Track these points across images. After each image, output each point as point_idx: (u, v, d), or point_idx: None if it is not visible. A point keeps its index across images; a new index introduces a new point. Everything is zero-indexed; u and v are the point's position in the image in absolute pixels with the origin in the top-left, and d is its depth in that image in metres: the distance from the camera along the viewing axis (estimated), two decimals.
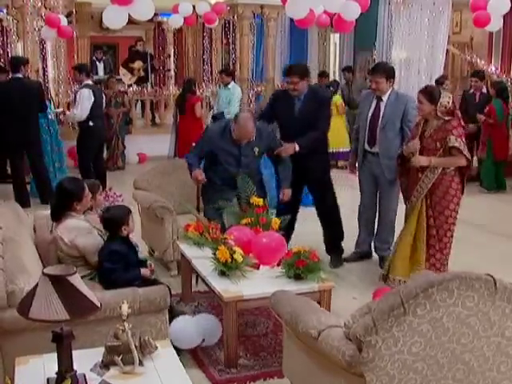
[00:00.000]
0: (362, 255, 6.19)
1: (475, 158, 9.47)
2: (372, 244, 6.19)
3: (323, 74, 12.14)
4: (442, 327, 2.70)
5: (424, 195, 5.13)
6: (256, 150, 5.34)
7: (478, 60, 12.08)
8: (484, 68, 11.67)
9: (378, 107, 5.73)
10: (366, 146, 5.84)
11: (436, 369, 2.77)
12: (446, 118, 5.01)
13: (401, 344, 2.67)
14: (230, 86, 10.42)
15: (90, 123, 8.48)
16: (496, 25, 7.88)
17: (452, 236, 5.24)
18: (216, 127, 5.50)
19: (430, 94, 5.06)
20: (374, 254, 6.20)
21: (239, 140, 5.24)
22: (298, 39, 13.28)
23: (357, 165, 6.03)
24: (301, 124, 5.63)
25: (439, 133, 5.02)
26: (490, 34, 11.83)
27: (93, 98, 8.41)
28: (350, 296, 5.20)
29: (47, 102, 8.94)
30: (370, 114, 5.77)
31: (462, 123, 5.12)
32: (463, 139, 5.01)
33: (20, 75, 8.28)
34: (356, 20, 7.09)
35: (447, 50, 11.56)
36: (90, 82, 8.67)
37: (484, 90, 9.83)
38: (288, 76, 5.70)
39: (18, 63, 8.36)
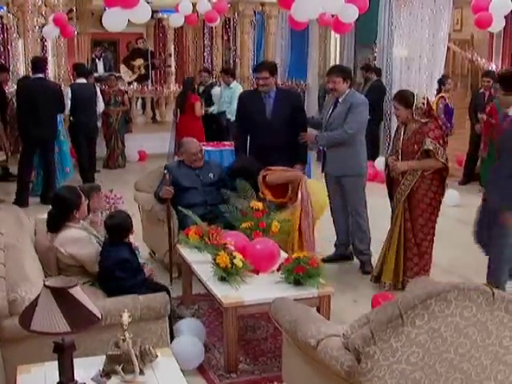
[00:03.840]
0: (338, 257, 6.15)
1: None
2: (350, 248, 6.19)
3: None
4: (440, 337, 2.73)
5: (403, 199, 5.18)
6: (211, 175, 5.83)
7: (479, 58, 12.05)
8: (486, 66, 11.66)
9: (334, 109, 5.76)
10: (324, 149, 5.91)
11: (434, 378, 2.79)
12: (423, 121, 5.10)
13: (399, 354, 2.69)
14: (232, 86, 10.46)
15: (71, 118, 9.19)
16: (498, 26, 7.86)
17: (432, 241, 5.30)
18: (173, 162, 6.39)
19: (404, 99, 5.12)
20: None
21: (191, 163, 5.83)
22: (299, 36, 13.23)
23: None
24: None
25: (417, 135, 5.09)
26: (491, 31, 11.78)
27: (70, 96, 9.08)
28: (351, 299, 5.23)
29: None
30: (327, 117, 5.80)
31: (441, 124, 5.17)
32: (440, 141, 5.05)
33: (41, 75, 8.48)
34: (357, 17, 7.08)
35: (448, 48, 11.54)
36: (81, 80, 9.38)
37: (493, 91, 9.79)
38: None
39: (39, 63, 8.57)
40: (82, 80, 9.45)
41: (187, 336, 4.08)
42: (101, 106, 9.92)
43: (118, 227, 4.16)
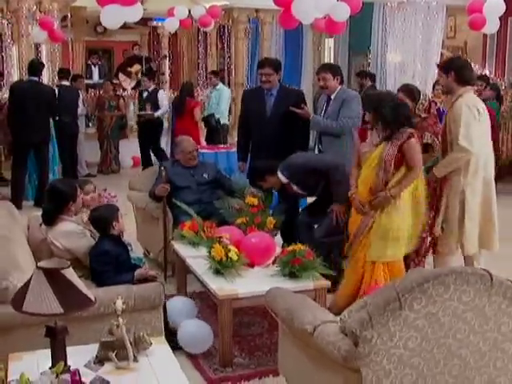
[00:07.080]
0: None
1: None
2: None
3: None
4: (438, 322, 2.70)
5: None
6: (206, 175, 5.81)
7: (473, 64, 12.08)
8: (479, 72, 11.70)
9: (327, 107, 5.70)
10: (320, 146, 5.85)
11: (432, 364, 2.75)
12: (423, 115, 5.12)
13: (397, 339, 2.65)
14: (218, 88, 10.53)
15: (56, 118, 9.30)
16: (492, 27, 7.89)
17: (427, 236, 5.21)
18: (168, 161, 6.51)
19: (410, 91, 5.15)
20: None
21: (186, 162, 5.82)
22: (293, 43, 13.26)
23: None
24: None
25: (416, 130, 5.05)
26: (484, 38, 11.86)
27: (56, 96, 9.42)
28: None
29: None
30: (321, 115, 5.73)
31: (438, 121, 5.20)
32: (439, 138, 5.04)
33: (36, 78, 8.59)
34: (351, 24, 7.09)
35: (441, 54, 11.59)
36: (63, 82, 10.01)
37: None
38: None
39: (36, 67, 8.67)
40: (65, 82, 10.03)
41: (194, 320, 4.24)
42: (82, 109, 10.60)
43: (98, 219, 4.20)
